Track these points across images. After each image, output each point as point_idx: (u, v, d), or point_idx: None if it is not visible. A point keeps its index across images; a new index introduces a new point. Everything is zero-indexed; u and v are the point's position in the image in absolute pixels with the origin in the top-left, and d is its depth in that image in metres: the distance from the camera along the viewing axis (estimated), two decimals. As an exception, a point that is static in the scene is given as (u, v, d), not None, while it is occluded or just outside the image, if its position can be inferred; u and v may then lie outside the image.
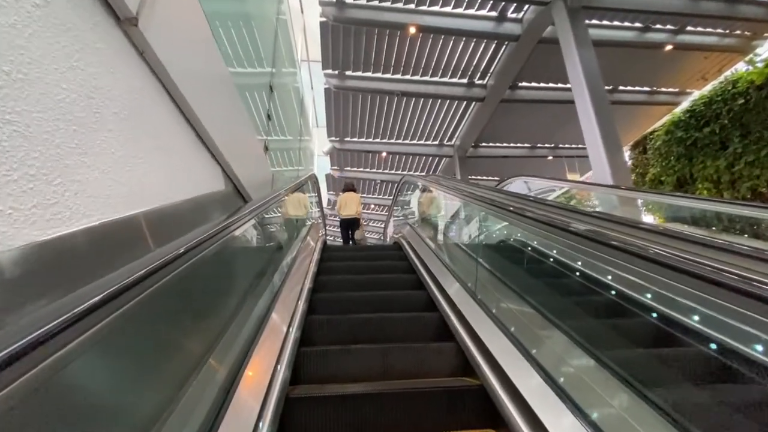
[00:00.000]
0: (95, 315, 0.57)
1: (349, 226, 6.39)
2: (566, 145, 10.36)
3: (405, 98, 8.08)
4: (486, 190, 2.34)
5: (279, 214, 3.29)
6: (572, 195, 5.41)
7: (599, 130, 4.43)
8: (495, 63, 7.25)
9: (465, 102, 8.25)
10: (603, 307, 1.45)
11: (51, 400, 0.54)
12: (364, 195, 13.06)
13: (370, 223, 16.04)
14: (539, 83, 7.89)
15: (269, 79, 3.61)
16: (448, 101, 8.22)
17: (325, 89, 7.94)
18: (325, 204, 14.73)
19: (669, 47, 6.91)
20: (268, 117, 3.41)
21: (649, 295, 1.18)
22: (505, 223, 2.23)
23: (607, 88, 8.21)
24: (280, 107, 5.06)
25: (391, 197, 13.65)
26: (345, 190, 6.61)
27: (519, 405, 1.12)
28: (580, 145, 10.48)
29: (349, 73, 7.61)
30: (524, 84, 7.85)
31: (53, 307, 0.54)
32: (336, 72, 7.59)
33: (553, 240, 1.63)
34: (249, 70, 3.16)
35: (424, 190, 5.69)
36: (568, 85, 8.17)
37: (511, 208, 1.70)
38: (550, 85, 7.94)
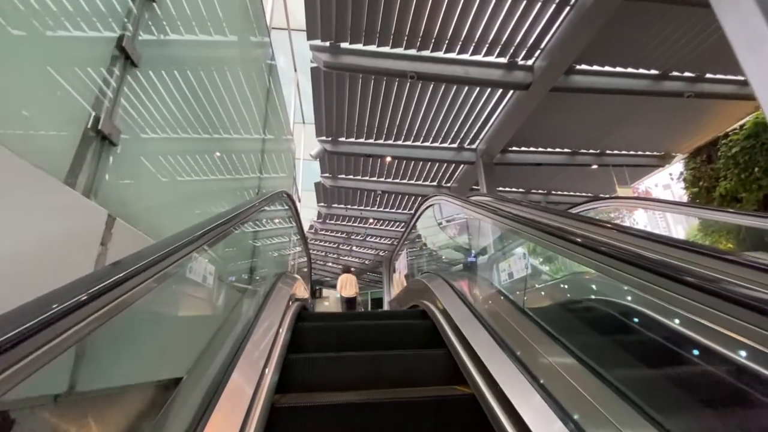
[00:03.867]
0: None
1: (349, 301, 8.92)
2: (615, 152, 8.31)
3: (420, 83, 5.96)
4: None
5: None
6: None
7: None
8: (551, 33, 5.17)
9: (501, 90, 6.15)
10: None
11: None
12: (362, 208, 10.90)
13: (368, 239, 13.90)
14: (603, 66, 5.82)
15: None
16: (478, 89, 6.12)
17: (312, 69, 5.79)
18: (314, 218, 12.54)
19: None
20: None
21: None
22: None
23: (689, 75, 6.20)
24: (230, 88, 2.93)
25: (395, 210, 11.50)
26: (344, 272, 9.36)
27: None
28: (631, 152, 8.47)
29: (345, 45, 5.47)
30: (583, 67, 5.78)
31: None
32: (327, 44, 5.45)
33: None
34: None
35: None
36: (641, 71, 6.16)
37: None
38: (618, 69, 5.88)
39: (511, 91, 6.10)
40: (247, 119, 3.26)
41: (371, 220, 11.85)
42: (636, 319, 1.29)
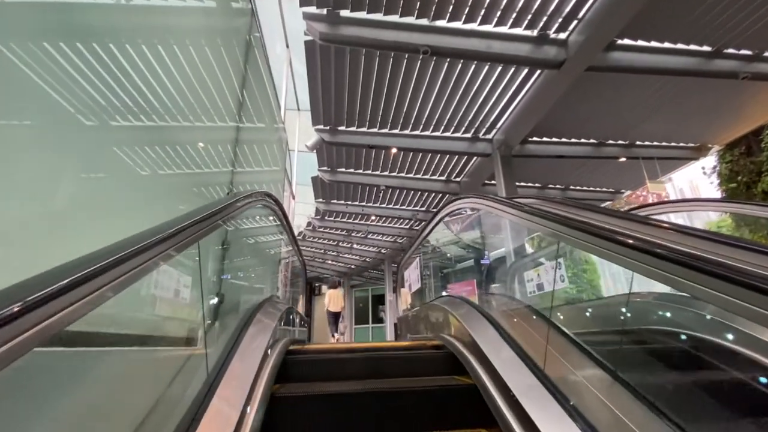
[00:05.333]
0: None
1: (335, 316, 9.76)
2: (646, 143, 7.46)
3: (433, 60, 5.09)
4: None
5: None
6: None
7: None
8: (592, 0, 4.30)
9: (527, 70, 5.29)
10: None
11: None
12: (364, 204, 10.07)
13: (369, 236, 13.10)
14: (649, 41, 4.95)
15: None
16: (500, 67, 5.25)
17: (307, 43, 4.92)
18: (312, 214, 11.68)
19: None
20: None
21: None
22: None
23: (746, 53, 5.33)
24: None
25: (399, 206, 10.62)
26: (331, 287, 10.05)
27: None
28: (663, 143, 7.62)
29: (345, 13, 4.60)
30: (625, 42, 4.91)
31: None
32: (324, 11, 4.58)
33: None
34: None
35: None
36: (692, 47, 5.28)
37: None
38: (666, 45, 5.01)
39: (539, 71, 5.23)
40: (209, 103, 2.43)
41: (373, 217, 11.03)
42: None
